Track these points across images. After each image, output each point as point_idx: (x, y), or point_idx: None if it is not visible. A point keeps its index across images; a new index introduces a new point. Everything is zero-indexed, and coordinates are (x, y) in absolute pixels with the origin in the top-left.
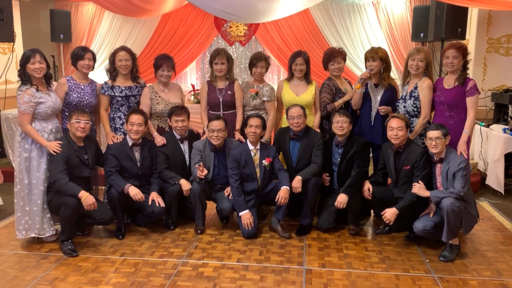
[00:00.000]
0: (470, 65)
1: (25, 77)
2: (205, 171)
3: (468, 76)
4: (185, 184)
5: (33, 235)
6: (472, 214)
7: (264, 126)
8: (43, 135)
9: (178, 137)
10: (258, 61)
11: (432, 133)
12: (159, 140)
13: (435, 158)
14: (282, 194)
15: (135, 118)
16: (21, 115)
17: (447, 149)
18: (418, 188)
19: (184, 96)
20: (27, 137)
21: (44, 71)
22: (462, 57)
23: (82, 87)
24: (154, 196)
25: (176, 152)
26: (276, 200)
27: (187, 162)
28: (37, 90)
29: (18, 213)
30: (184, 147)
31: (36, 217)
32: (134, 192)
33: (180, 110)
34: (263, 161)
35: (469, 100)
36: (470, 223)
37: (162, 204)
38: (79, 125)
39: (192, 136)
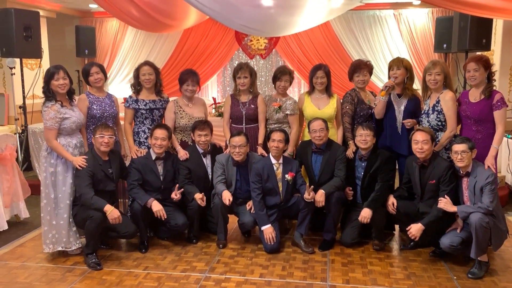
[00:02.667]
0: (496, 77)
1: (49, 93)
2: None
3: (494, 88)
4: (198, 199)
5: (59, 248)
6: (502, 230)
7: (287, 140)
8: (68, 150)
9: (201, 151)
10: (283, 75)
11: (458, 147)
12: (182, 154)
13: (462, 172)
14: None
15: (159, 133)
16: (47, 130)
17: (473, 162)
18: (445, 203)
19: (208, 111)
20: (53, 152)
21: (67, 87)
22: (484, 69)
23: (101, 99)
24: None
25: (199, 166)
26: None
27: (210, 176)
28: (62, 106)
29: (45, 227)
30: (207, 161)
31: (63, 230)
32: (156, 208)
33: (203, 124)
34: (286, 176)
35: (497, 114)
36: (499, 239)
37: (178, 197)
38: (103, 140)
39: (215, 150)
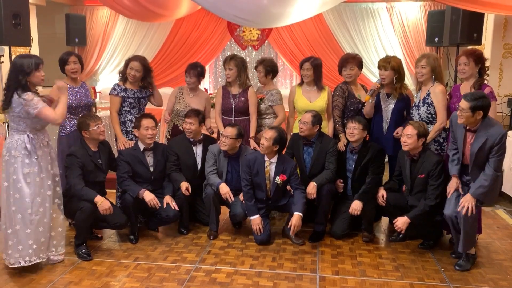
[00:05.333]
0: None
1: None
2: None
3: (485, 82)
4: (183, 188)
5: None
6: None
7: (277, 141)
8: (37, 149)
9: (191, 139)
10: (258, 66)
11: (462, 103)
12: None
13: (466, 126)
14: (295, 222)
15: (148, 122)
16: (46, 108)
17: (487, 120)
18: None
19: (209, 105)
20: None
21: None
22: (474, 63)
23: (76, 89)
24: (169, 200)
25: (187, 154)
26: (288, 227)
27: (199, 166)
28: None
29: None
30: (197, 150)
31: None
32: (149, 197)
33: (192, 113)
34: (277, 178)
35: None
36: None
37: (176, 208)
38: (99, 129)
39: (207, 140)
